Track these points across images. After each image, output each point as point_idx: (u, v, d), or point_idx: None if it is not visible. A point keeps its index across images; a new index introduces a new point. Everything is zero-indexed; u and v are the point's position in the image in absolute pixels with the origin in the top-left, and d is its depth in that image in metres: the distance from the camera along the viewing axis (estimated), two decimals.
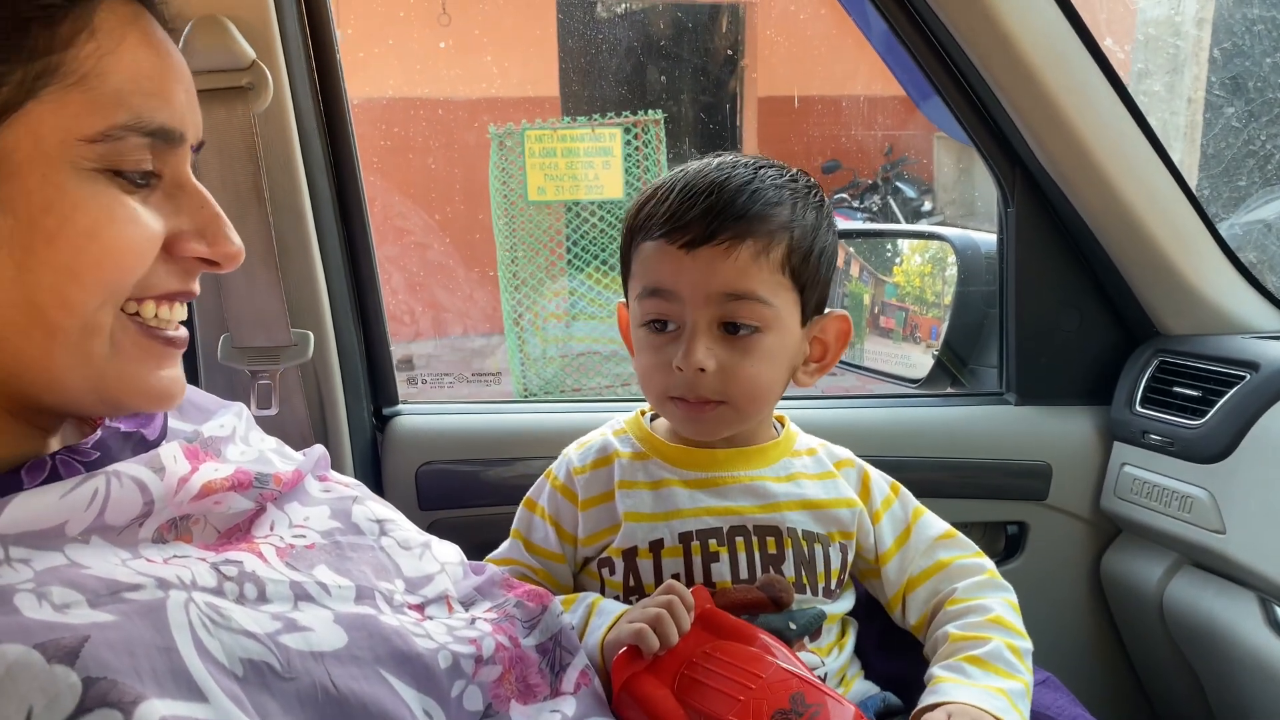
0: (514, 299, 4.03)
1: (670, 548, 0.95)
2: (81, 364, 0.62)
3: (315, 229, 1.38)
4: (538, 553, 1.03)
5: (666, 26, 5.95)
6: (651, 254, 0.94)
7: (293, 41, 1.33)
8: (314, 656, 0.63)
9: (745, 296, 0.91)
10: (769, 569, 0.95)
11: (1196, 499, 1.31)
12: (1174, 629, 1.40)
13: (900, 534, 1.02)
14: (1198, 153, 3.27)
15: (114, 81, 0.60)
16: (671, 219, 0.92)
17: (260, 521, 0.75)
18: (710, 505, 0.96)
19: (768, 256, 0.92)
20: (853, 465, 1.05)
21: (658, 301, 0.93)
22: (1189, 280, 1.40)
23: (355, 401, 1.47)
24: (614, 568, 0.97)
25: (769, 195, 0.93)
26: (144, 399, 0.67)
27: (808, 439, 1.06)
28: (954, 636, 0.92)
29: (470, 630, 0.76)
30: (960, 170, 5.79)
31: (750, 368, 0.93)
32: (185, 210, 0.66)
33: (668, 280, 0.92)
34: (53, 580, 0.56)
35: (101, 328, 0.62)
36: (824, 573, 0.97)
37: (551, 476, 1.05)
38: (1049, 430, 1.51)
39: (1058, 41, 1.28)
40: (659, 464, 1.00)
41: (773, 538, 0.96)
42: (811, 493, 0.99)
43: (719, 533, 0.95)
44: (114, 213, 0.60)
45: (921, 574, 1.00)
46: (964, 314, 1.73)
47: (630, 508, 0.97)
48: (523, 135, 3.88)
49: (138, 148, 0.61)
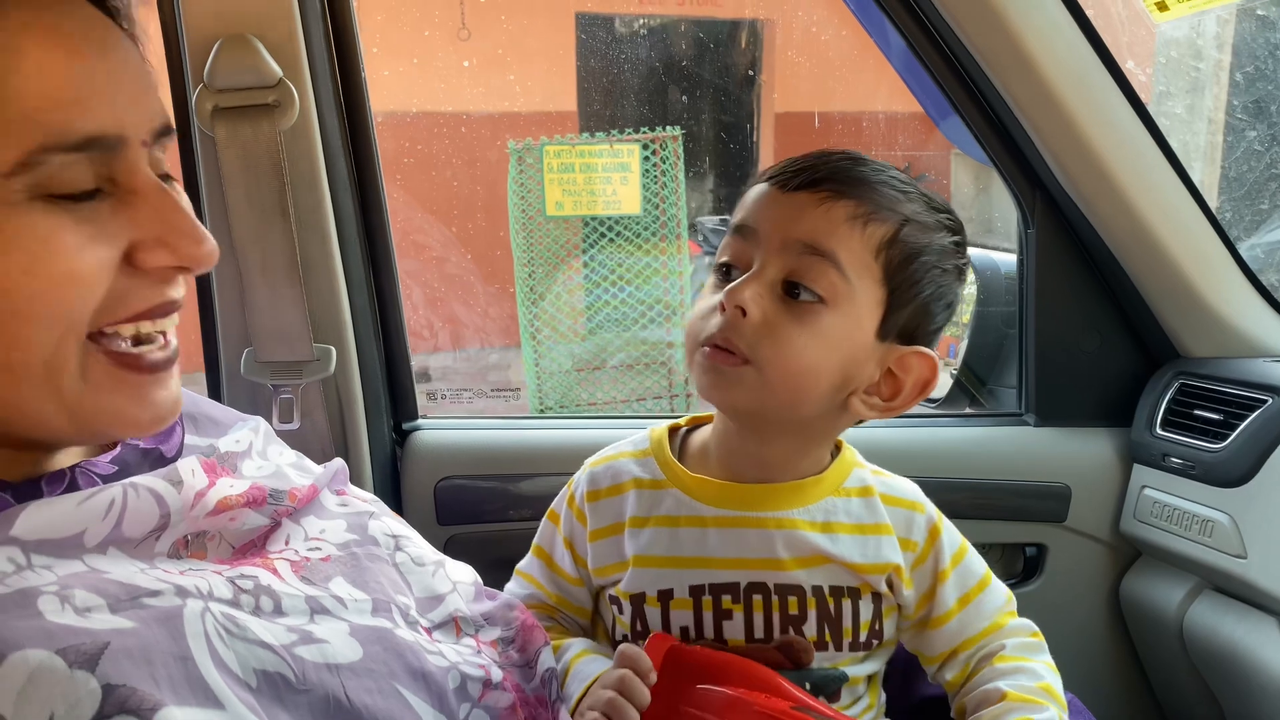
0: (530, 313, 4.04)
1: (680, 599, 0.86)
2: (53, 400, 0.59)
3: (339, 245, 1.39)
4: (556, 572, 0.97)
5: (684, 43, 5.98)
6: (749, 196, 0.87)
7: (319, 60, 1.35)
8: (329, 668, 0.63)
9: (823, 254, 0.81)
10: (788, 629, 0.86)
11: (1218, 523, 1.30)
12: (1195, 654, 1.38)
13: (965, 595, 0.91)
14: (1218, 174, 3.26)
15: (19, 103, 0.54)
16: (789, 165, 0.85)
17: (275, 536, 0.75)
18: (728, 555, 0.86)
19: (864, 227, 0.82)
20: (921, 511, 0.92)
21: (735, 241, 0.85)
22: (1210, 303, 1.39)
23: (375, 416, 1.48)
24: (622, 608, 0.90)
25: (898, 184, 0.85)
26: (126, 428, 0.64)
27: (865, 473, 0.93)
28: (1010, 696, 0.85)
29: (477, 658, 0.76)
30: (978, 188, 5.78)
31: (798, 337, 0.81)
32: (143, 217, 0.60)
33: (751, 216, 0.84)
34: (75, 584, 0.56)
35: (66, 362, 0.58)
36: (851, 627, 0.88)
37: (569, 495, 0.97)
38: (1068, 452, 1.51)
39: (1079, 63, 1.28)
40: (678, 497, 0.89)
41: (795, 597, 0.86)
42: (843, 551, 0.87)
43: (735, 589, 0.86)
44: (51, 243, 0.56)
45: (979, 634, 0.91)
46: (983, 334, 1.73)
47: (639, 549, 0.88)
48: (541, 150, 3.90)
49: (69, 165, 0.56)
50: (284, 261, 1.31)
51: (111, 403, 0.61)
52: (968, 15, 1.25)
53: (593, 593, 0.96)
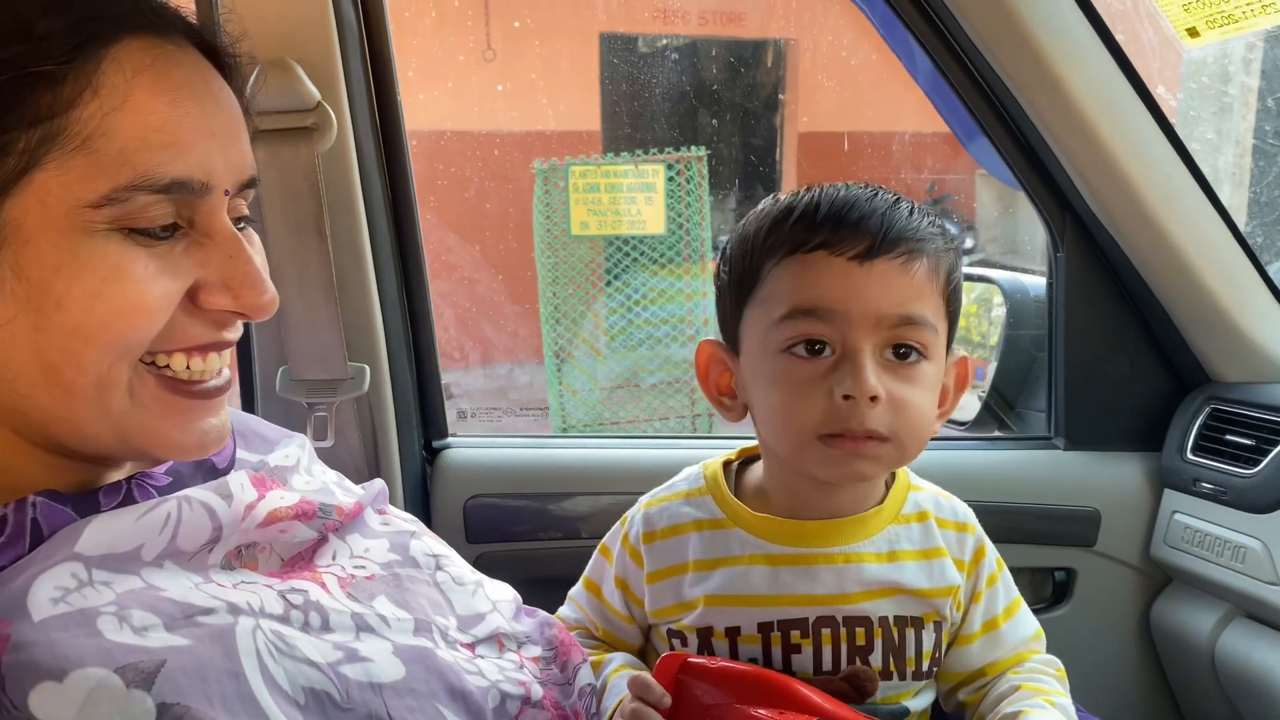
0: (554, 332, 4.06)
1: (748, 635, 0.86)
2: (101, 417, 0.61)
3: (373, 265, 1.41)
4: (607, 607, 0.96)
5: (709, 64, 6.01)
6: (804, 269, 0.81)
7: (356, 83, 1.37)
8: (372, 687, 0.64)
9: (918, 321, 0.81)
10: (855, 659, 0.85)
11: (1250, 549, 1.29)
12: (1226, 681, 1.37)
13: (991, 620, 0.92)
14: (1247, 198, 3.25)
15: (118, 140, 0.57)
16: (837, 227, 0.81)
17: (322, 551, 0.77)
18: (795, 592, 0.86)
19: (937, 277, 0.83)
20: (972, 532, 0.93)
21: (811, 322, 0.81)
22: (1241, 327, 1.39)
23: (407, 434, 1.49)
24: (686, 641, 0.89)
25: (928, 213, 0.85)
26: (171, 451, 0.66)
27: (919, 496, 0.93)
28: (1025, 686, 0.87)
29: (519, 674, 0.76)
30: (1003, 209, 5.77)
31: (916, 398, 0.82)
32: (214, 260, 0.63)
33: (832, 298, 0.80)
34: (133, 603, 0.58)
35: (117, 383, 0.61)
36: (914, 657, 0.88)
37: (624, 534, 0.95)
38: (1098, 476, 1.50)
39: (1109, 87, 1.29)
40: (742, 537, 0.88)
41: (862, 628, 0.86)
42: (911, 579, 0.88)
43: (803, 624, 0.86)
44: (122, 272, 0.58)
45: (999, 663, 0.91)
46: (1012, 357, 1.73)
47: (710, 590, 0.88)
48: (567, 170, 3.93)
49: (151, 204, 0.59)
50: (320, 281, 1.33)
51: (157, 425, 0.64)
52: (997, 39, 1.26)
53: (644, 629, 0.96)
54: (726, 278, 0.89)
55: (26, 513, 0.60)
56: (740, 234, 0.88)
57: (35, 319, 0.58)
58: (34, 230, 0.57)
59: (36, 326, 0.58)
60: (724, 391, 0.91)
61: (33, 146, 0.56)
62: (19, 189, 0.56)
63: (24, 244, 0.57)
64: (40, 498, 0.61)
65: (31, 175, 0.56)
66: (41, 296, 0.57)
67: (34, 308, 0.58)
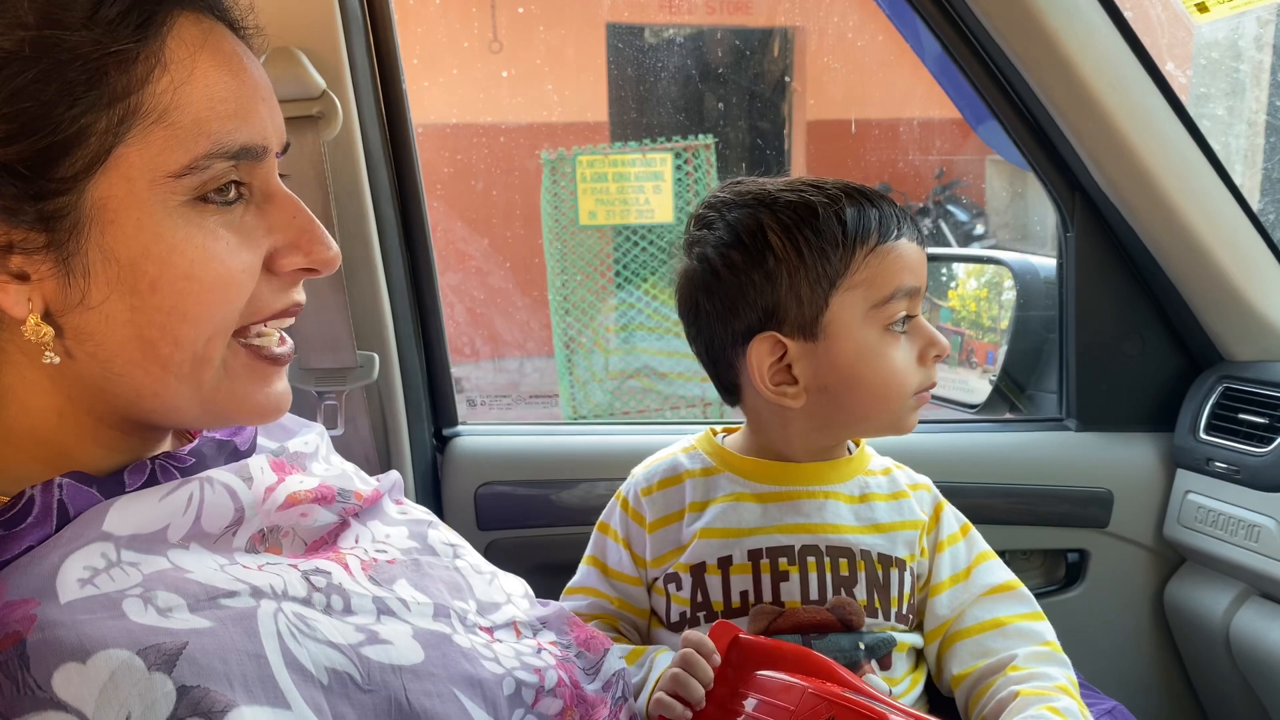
0: (564, 322, 4.06)
1: (739, 565, 0.94)
2: (194, 390, 0.64)
3: (380, 253, 1.41)
4: (614, 577, 1.02)
5: (716, 52, 5.99)
6: (899, 256, 0.93)
7: (361, 72, 1.37)
8: (392, 670, 0.65)
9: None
10: (840, 591, 0.93)
11: (1264, 528, 1.29)
12: (1241, 660, 1.37)
13: (958, 573, 0.99)
14: (1259, 176, 3.22)
15: (192, 111, 0.60)
16: (896, 220, 0.94)
17: (345, 535, 0.78)
18: (783, 522, 0.95)
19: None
20: (929, 491, 1.03)
21: (907, 299, 0.94)
22: (1254, 305, 1.38)
23: (416, 422, 1.50)
24: (680, 583, 0.97)
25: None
26: (252, 415, 0.69)
27: (883, 460, 1.05)
28: (1024, 693, 0.88)
29: (536, 659, 0.77)
30: (1013, 193, 5.74)
31: None
32: (277, 223, 0.66)
33: (921, 275, 0.95)
34: (158, 584, 0.58)
35: (212, 358, 0.64)
36: (897, 597, 0.95)
37: (621, 499, 1.04)
38: (1110, 457, 1.49)
39: (1118, 65, 1.28)
40: (731, 478, 0.99)
41: (845, 559, 0.94)
42: (882, 515, 0.98)
43: (790, 551, 0.94)
44: (209, 250, 0.61)
45: (976, 626, 0.96)
46: (1022, 339, 1.72)
47: (700, 526, 0.96)
48: (574, 160, 3.92)
49: (226, 171, 0.62)
50: None
51: (245, 392, 0.67)
52: (1005, 19, 1.25)
53: (648, 587, 1.02)
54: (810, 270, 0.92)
55: (53, 494, 0.61)
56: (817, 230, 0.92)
57: (130, 299, 0.60)
58: (118, 209, 0.59)
59: (133, 308, 0.60)
60: (784, 380, 0.94)
61: (114, 125, 0.58)
62: (104, 169, 0.58)
63: (109, 224, 0.59)
64: (66, 479, 0.62)
65: (116, 152, 0.58)
66: (134, 279, 0.59)
67: (128, 288, 0.60)
